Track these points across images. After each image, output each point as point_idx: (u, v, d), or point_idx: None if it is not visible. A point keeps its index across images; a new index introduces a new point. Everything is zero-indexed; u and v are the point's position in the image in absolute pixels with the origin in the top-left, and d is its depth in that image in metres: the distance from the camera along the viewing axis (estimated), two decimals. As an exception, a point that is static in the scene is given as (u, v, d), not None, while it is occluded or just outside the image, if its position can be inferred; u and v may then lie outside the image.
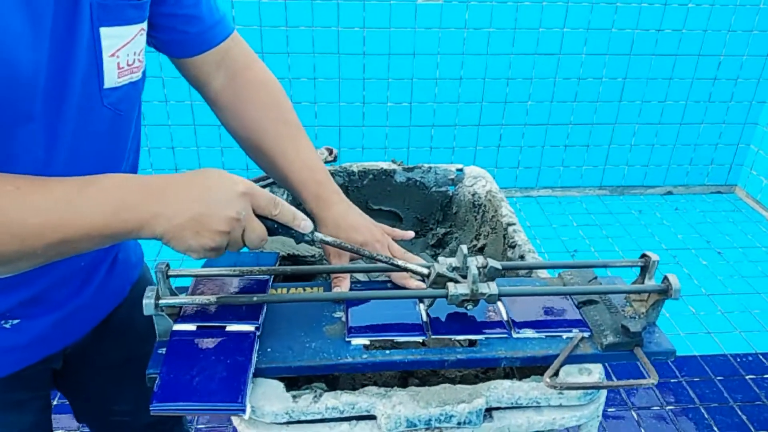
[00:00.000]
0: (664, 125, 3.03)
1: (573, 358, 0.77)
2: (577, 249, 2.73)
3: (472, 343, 0.78)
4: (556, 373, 0.76)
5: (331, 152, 1.27)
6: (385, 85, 2.79)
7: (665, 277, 0.81)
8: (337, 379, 0.89)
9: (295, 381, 0.80)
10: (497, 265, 0.78)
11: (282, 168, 0.90)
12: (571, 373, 0.76)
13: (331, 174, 1.27)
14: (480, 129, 2.96)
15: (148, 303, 0.72)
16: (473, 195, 1.25)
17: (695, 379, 2.00)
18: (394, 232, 0.95)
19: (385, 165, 1.28)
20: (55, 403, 1.63)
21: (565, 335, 0.79)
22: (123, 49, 0.73)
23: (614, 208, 3.10)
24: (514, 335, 0.79)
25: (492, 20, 2.69)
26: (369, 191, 1.29)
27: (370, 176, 1.27)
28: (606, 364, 0.82)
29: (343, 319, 0.80)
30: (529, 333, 0.79)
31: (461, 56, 2.76)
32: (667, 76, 2.90)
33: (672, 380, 2.00)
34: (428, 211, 1.32)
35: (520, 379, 0.87)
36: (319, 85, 2.76)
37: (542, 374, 0.78)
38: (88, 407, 1.05)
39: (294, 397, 0.71)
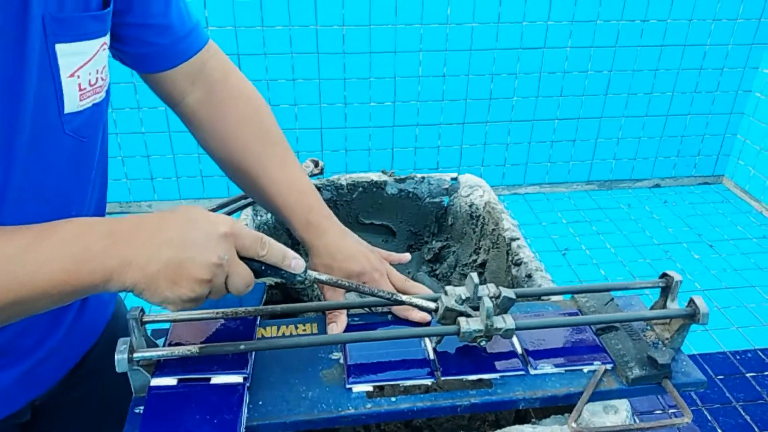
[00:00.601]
0: (650, 117, 2.99)
1: (597, 395, 0.70)
2: (568, 247, 2.68)
3: (485, 381, 0.71)
4: (580, 413, 0.70)
5: (317, 164, 1.19)
6: (367, 84, 2.71)
7: (691, 300, 0.74)
8: (336, 429, 0.81)
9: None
10: (511, 294, 0.71)
11: (267, 191, 0.82)
12: (595, 413, 0.69)
13: (318, 188, 1.19)
14: (465, 127, 2.89)
15: (120, 359, 0.63)
16: (470, 206, 1.17)
17: (696, 379, 1.95)
18: (390, 256, 0.87)
19: (375, 176, 1.20)
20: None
21: (586, 368, 0.72)
22: (84, 68, 0.63)
23: (603, 203, 3.06)
24: (531, 372, 0.71)
25: (474, 15, 2.62)
26: (359, 205, 1.21)
27: (360, 189, 1.19)
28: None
29: (342, 360, 0.72)
30: (547, 368, 0.72)
31: (444, 53, 2.69)
32: (653, 67, 2.86)
33: (672, 381, 1.95)
34: (422, 224, 1.24)
35: (535, 415, 0.81)
36: (298, 87, 2.67)
37: (560, 411, 0.71)
38: None
39: (290, 458, 0.63)
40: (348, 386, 0.68)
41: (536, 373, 0.71)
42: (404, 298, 0.70)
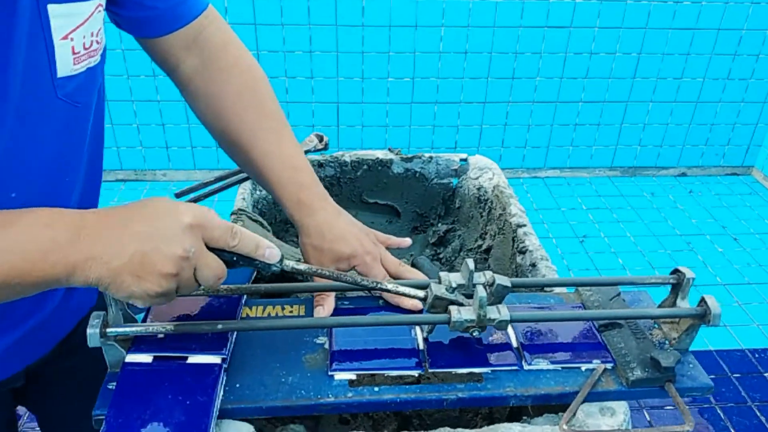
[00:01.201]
0: (679, 103, 2.88)
1: (594, 395, 0.66)
2: (587, 234, 2.61)
3: (476, 374, 0.67)
4: (573, 413, 0.66)
5: (321, 139, 1.15)
6: (386, 59, 2.65)
7: (702, 300, 0.69)
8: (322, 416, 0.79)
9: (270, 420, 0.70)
10: (506, 282, 0.67)
11: (259, 165, 0.78)
12: (591, 414, 0.65)
13: (321, 165, 1.15)
14: (486, 106, 2.82)
15: (92, 333, 0.61)
16: (478, 189, 1.12)
17: (711, 377, 1.89)
18: (388, 240, 0.83)
19: (381, 154, 1.15)
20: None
21: (584, 367, 0.68)
22: (78, 30, 0.61)
23: (625, 190, 2.97)
24: (525, 367, 0.68)
25: (500, -10, 2.54)
26: (363, 183, 1.17)
27: (365, 167, 1.15)
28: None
29: (326, 346, 0.69)
30: (542, 364, 0.68)
31: (466, 29, 2.61)
32: (684, 51, 2.74)
33: (685, 377, 1.90)
34: (429, 205, 1.20)
35: (532, 410, 0.77)
36: (315, 59, 2.62)
37: (555, 410, 0.67)
38: (54, 425, 0.95)
39: (265, 444, 0.61)
40: (330, 373, 0.65)
41: (530, 369, 0.67)
42: (389, 286, 0.66)
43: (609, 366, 0.68)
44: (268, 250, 0.60)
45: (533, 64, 2.73)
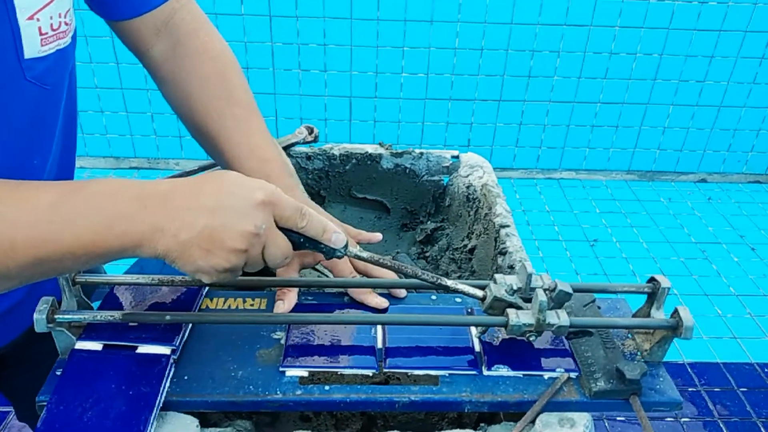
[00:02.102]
0: (701, 107, 2.80)
1: (554, 405, 0.63)
2: (598, 238, 2.56)
3: (432, 377, 0.65)
4: (532, 420, 0.63)
5: (311, 131, 1.13)
6: (400, 54, 2.62)
7: (675, 311, 0.66)
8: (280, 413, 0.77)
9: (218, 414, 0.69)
10: (568, 288, 0.64)
11: (226, 154, 0.77)
12: (549, 424, 0.62)
13: (309, 157, 1.13)
14: (501, 104, 2.77)
15: (39, 318, 0.60)
16: (468, 187, 1.10)
17: (715, 389, 1.84)
18: (359, 235, 0.81)
19: (371, 148, 1.13)
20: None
21: (547, 375, 0.65)
22: (44, 11, 0.60)
23: (642, 195, 2.90)
24: (485, 372, 0.65)
25: (517, -13, 2.49)
26: (352, 177, 1.15)
27: (353, 161, 1.13)
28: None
29: (283, 341, 0.68)
30: (503, 371, 0.65)
31: (483, 25, 2.57)
32: (708, 53, 2.66)
33: (690, 389, 1.85)
34: (419, 203, 1.17)
35: (504, 417, 0.74)
36: (329, 52, 2.60)
37: (515, 418, 0.64)
38: (28, 408, 0.96)
39: (206, 439, 0.59)
40: (281, 369, 0.64)
41: (490, 375, 0.65)
42: (449, 283, 0.65)
43: (574, 375, 0.65)
44: (335, 234, 0.59)
45: (551, 63, 2.68)
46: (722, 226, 2.68)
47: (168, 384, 0.61)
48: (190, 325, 0.67)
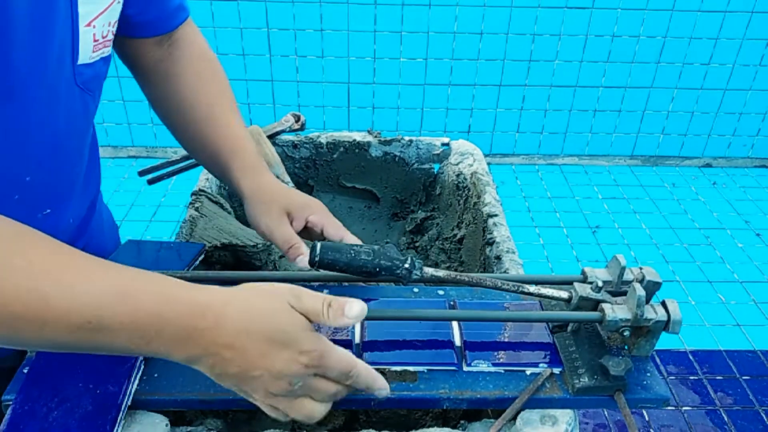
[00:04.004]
0: (706, 90, 2.75)
1: (536, 401, 0.61)
2: (599, 225, 2.52)
3: (410, 373, 0.63)
4: (513, 418, 0.61)
5: (298, 119, 1.11)
6: (398, 38, 2.58)
7: (663, 304, 0.63)
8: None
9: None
10: (656, 278, 0.63)
11: (214, 135, 0.77)
12: (530, 422, 0.60)
13: (296, 146, 1.11)
14: (501, 89, 2.73)
15: (2, 315, 0.58)
16: (458, 175, 1.07)
17: (718, 377, 1.81)
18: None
19: (359, 136, 1.11)
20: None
21: (529, 371, 0.63)
22: (99, 18, 0.61)
23: (646, 180, 2.86)
24: (465, 369, 0.63)
25: (517, -31, 2.44)
26: (340, 166, 1.13)
27: (341, 149, 1.11)
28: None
29: (258, 336, 0.66)
30: (483, 366, 0.63)
31: (482, 8, 2.52)
32: (713, 35, 2.60)
33: (691, 377, 1.82)
34: (409, 191, 1.15)
35: (475, 413, 0.73)
36: (326, 37, 2.56)
37: (496, 415, 0.62)
38: None
39: (175, 439, 0.58)
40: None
41: (470, 371, 0.63)
42: (532, 289, 0.63)
43: (557, 371, 0.63)
44: (381, 389, 0.56)
45: (552, 47, 2.63)
46: (727, 211, 2.64)
47: (137, 382, 0.60)
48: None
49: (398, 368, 0.63)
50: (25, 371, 0.61)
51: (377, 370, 0.63)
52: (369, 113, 2.76)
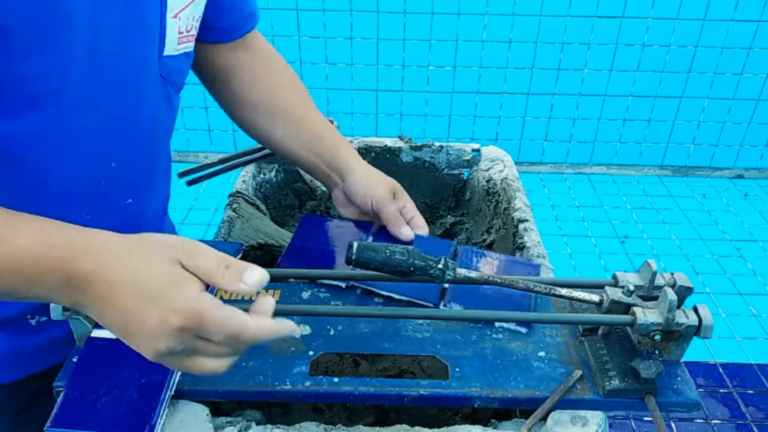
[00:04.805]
0: (738, 101, 2.71)
1: (567, 402, 0.62)
2: (628, 235, 2.50)
3: (442, 372, 0.64)
4: (544, 418, 0.62)
5: (330, 123, 1.13)
6: (427, 46, 2.60)
7: (695, 309, 0.64)
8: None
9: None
10: (688, 283, 0.64)
11: (314, 130, 0.85)
12: (560, 422, 0.61)
13: (329, 150, 1.13)
14: (529, 98, 2.74)
15: (55, 307, 0.61)
16: (488, 181, 1.08)
17: (749, 391, 1.78)
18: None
19: (390, 142, 1.13)
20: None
21: (559, 371, 0.64)
22: (185, 11, 0.63)
23: (675, 191, 2.83)
24: (441, 308, 0.63)
25: (547, -22, 2.45)
26: (371, 171, 1.15)
27: (372, 154, 1.13)
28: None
29: (295, 334, 0.68)
30: (456, 307, 0.64)
31: (511, 17, 2.53)
32: (746, 45, 2.57)
33: (721, 390, 1.80)
34: (439, 197, 1.17)
35: (504, 413, 0.73)
36: (356, 46, 2.60)
37: (525, 414, 0.64)
38: None
39: (216, 428, 0.60)
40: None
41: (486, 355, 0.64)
42: (563, 292, 0.64)
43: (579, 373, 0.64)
44: (295, 332, 0.52)
45: (581, 56, 2.63)
46: (759, 223, 2.59)
47: (179, 373, 0.62)
48: (204, 315, 0.68)
49: (384, 293, 0.69)
50: (74, 360, 0.64)
51: (412, 366, 0.65)
52: (397, 120, 2.79)
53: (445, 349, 0.66)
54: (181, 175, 1.04)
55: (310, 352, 0.65)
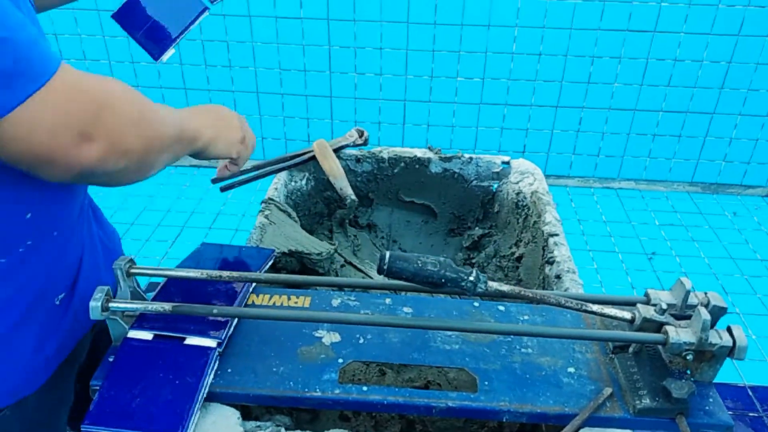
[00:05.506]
0: (773, 118, 2.66)
1: (596, 420, 0.62)
2: (656, 251, 2.47)
3: (469, 384, 0.65)
4: (572, 436, 0.62)
5: (361, 134, 1.15)
6: (456, 58, 2.61)
7: (729, 329, 0.63)
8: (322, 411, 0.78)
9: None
10: (722, 303, 0.64)
11: None
12: (590, 440, 0.61)
13: (359, 160, 1.15)
14: (558, 111, 2.72)
15: (94, 306, 0.63)
16: (517, 194, 1.08)
17: (781, 416, 1.74)
18: None
19: (420, 152, 1.14)
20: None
21: (589, 388, 0.64)
22: None
23: (705, 208, 2.78)
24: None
25: (579, -9, 2.44)
26: (400, 181, 1.16)
27: (402, 164, 1.14)
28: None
29: (325, 339, 0.69)
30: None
31: (541, 30, 2.53)
32: (782, 61, 2.53)
33: (750, 413, 1.75)
34: (467, 208, 1.17)
35: (532, 428, 0.73)
36: (385, 56, 2.62)
37: (556, 431, 0.63)
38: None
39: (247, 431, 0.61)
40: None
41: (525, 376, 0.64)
42: (595, 308, 0.65)
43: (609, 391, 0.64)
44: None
45: (611, 69, 2.60)
46: (792, 243, 2.53)
47: (212, 376, 0.63)
48: (236, 320, 0.69)
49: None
50: (111, 359, 0.65)
51: (438, 377, 0.65)
52: (424, 130, 2.80)
53: (474, 361, 0.67)
54: (214, 181, 1.06)
55: (340, 360, 0.66)
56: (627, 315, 0.65)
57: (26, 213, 0.60)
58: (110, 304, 0.64)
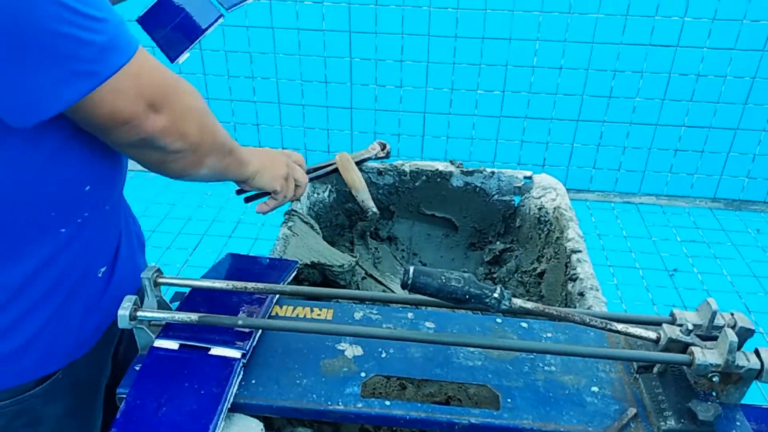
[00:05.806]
0: (798, 134, 2.63)
1: (620, 440, 0.61)
2: (677, 268, 2.44)
3: (490, 401, 0.64)
4: (595, 455, 0.61)
5: (383, 147, 1.15)
6: (476, 71, 2.62)
7: (756, 352, 0.62)
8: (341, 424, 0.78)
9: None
10: (749, 324, 0.63)
11: None
12: (613, 460, 0.60)
13: (381, 173, 1.15)
14: (579, 124, 2.71)
15: (122, 315, 0.64)
16: (540, 209, 1.08)
17: (803, 438, 1.70)
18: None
19: (441, 166, 1.14)
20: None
21: (613, 408, 0.64)
22: None
23: (728, 225, 2.74)
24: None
25: (600, 6, 2.43)
26: (421, 194, 1.16)
27: (423, 177, 1.14)
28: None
29: (347, 353, 0.69)
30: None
31: (563, 43, 2.52)
32: (808, 77, 2.50)
33: (773, 435, 1.72)
34: (488, 222, 1.17)
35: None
36: (405, 68, 2.63)
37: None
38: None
39: (269, 443, 0.61)
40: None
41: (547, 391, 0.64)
42: (620, 327, 0.64)
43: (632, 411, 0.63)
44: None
45: (633, 83, 2.59)
46: (817, 261, 2.49)
47: (236, 386, 0.64)
48: (260, 331, 0.70)
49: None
50: (137, 368, 0.66)
51: (460, 394, 0.65)
52: (443, 143, 2.80)
53: (497, 378, 0.66)
54: (238, 192, 1.07)
55: (362, 374, 0.66)
56: (652, 335, 0.64)
57: (86, 186, 0.68)
58: (138, 313, 0.65)
